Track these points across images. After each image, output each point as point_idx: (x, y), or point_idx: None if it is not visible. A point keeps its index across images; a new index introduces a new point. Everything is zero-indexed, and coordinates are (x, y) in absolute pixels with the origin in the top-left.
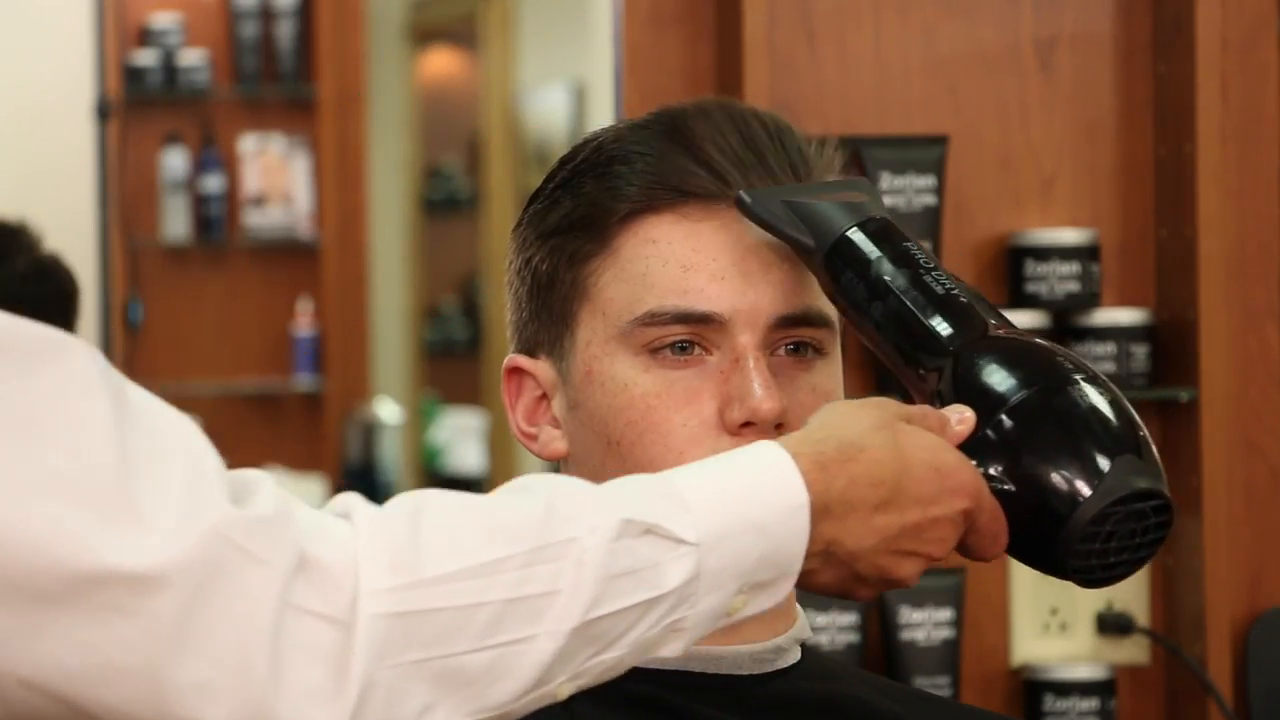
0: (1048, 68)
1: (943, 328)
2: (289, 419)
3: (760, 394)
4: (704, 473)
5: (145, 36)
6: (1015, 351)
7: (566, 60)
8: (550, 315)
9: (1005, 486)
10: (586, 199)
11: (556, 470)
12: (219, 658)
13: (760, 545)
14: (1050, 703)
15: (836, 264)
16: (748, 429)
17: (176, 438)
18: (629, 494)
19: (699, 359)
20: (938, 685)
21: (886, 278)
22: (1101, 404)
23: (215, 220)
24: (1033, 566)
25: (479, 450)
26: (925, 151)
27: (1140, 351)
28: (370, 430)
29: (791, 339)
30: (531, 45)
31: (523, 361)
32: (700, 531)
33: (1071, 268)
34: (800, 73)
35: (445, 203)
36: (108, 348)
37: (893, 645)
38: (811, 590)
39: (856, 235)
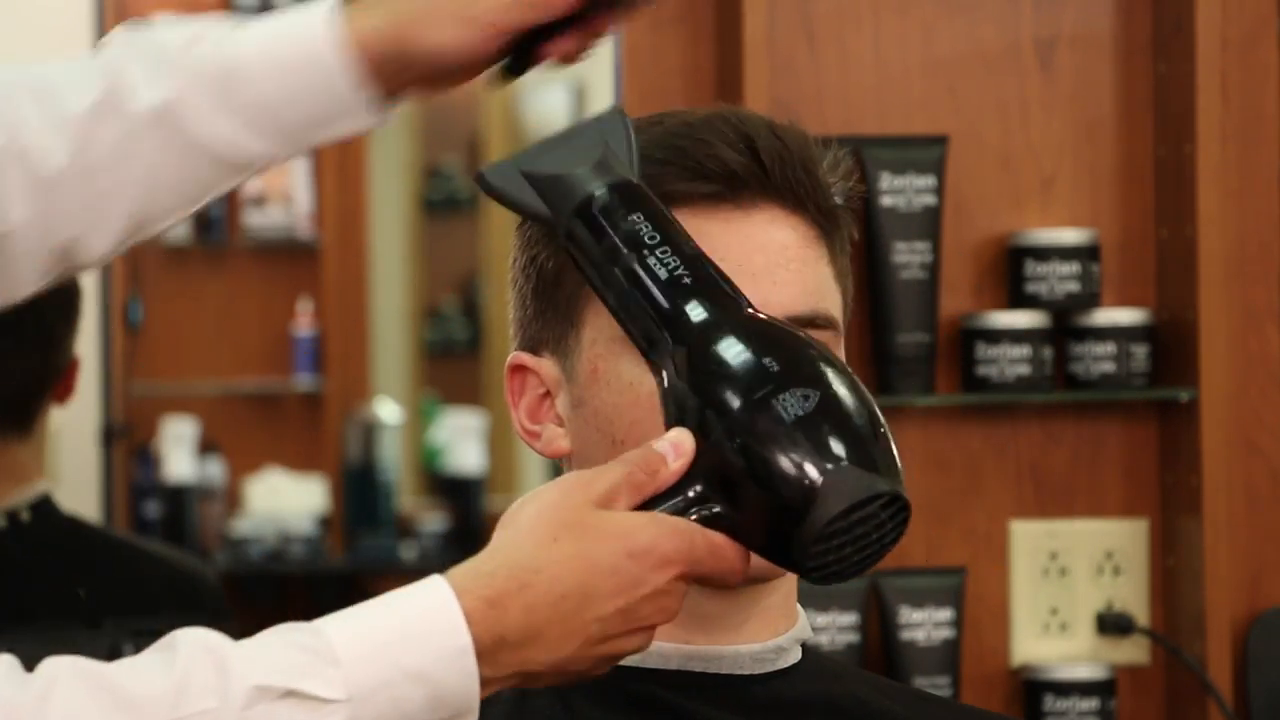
0: (1048, 68)
1: (662, 319)
2: (289, 419)
3: None
4: (360, 620)
5: None
6: (736, 350)
7: None
8: (556, 313)
9: (727, 517)
10: None
11: (559, 469)
12: None
13: (424, 691)
14: (1050, 703)
15: (572, 245)
16: None
17: None
18: (271, 653)
19: None
20: (938, 685)
21: (611, 263)
22: (813, 408)
23: (215, 220)
24: (790, 570)
25: (479, 450)
26: (925, 151)
27: (1140, 351)
28: (370, 430)
29: None
30: None
31: (526, 359)
32: (350, 686)
33: (1071, 268)
34: (800, 73)
35: (445, 203)
36: (108, 348)
37: (893, 645)
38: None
39: (586, 211)
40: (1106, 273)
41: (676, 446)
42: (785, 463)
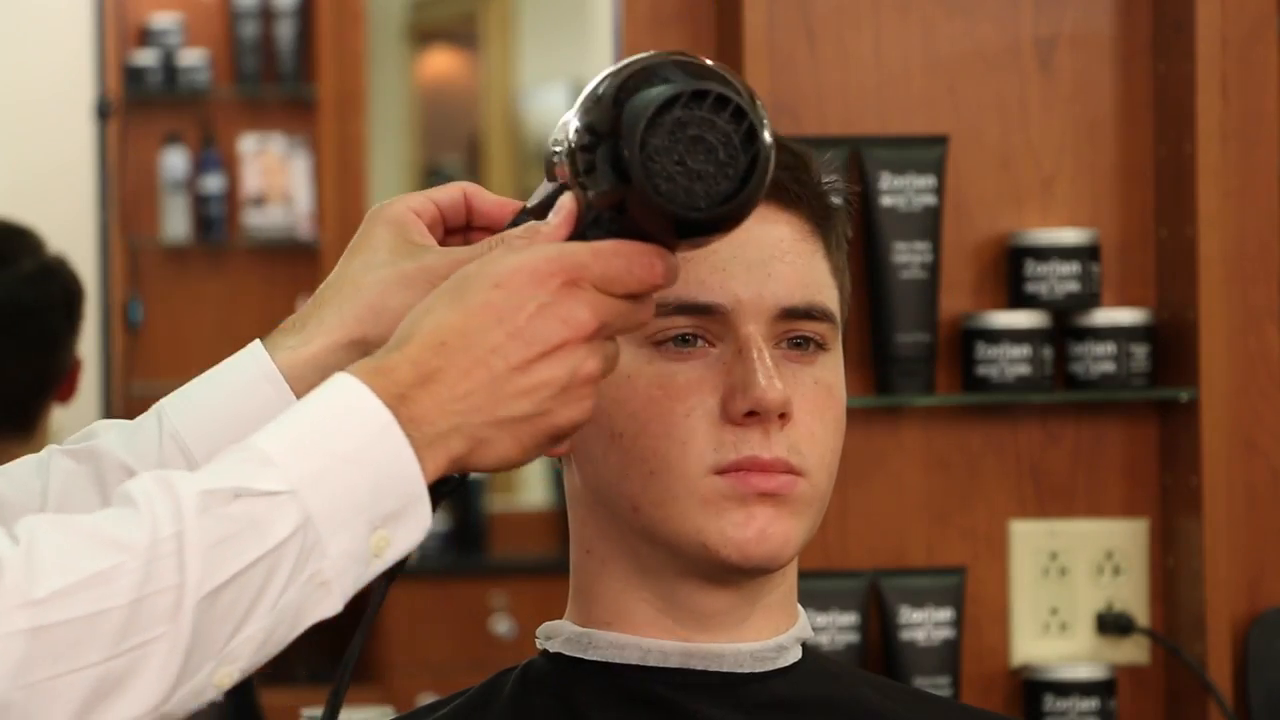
0: (1048, 68)
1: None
2: None
3: (764, 383)
4: (280, 425)
5: (145, 36)
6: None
7: (566, 60)
8: None
9: (606, 218)
10: None
11: (559, 469)
12: None
13: (365, 474)
14: (1050, 703)
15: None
16: (751, 419)
17: None
18: (211, 469)
19: (702, 351)
20: (938, 685)
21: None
22: (620, 76)
23: (215, 220)
24: (698, 236)
25: None
26: (925, 151)
27: (1140, 351)
28: None
29: (794, 333)
30: (531, 45)
31: None
32: (290, 479)
33: (1071, 268)
34: (800, 73)
35: None
36: (108, 348)
37: (893, 645)
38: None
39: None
40: (1106, 273)
41: (557, 209)
42: (601, 135)
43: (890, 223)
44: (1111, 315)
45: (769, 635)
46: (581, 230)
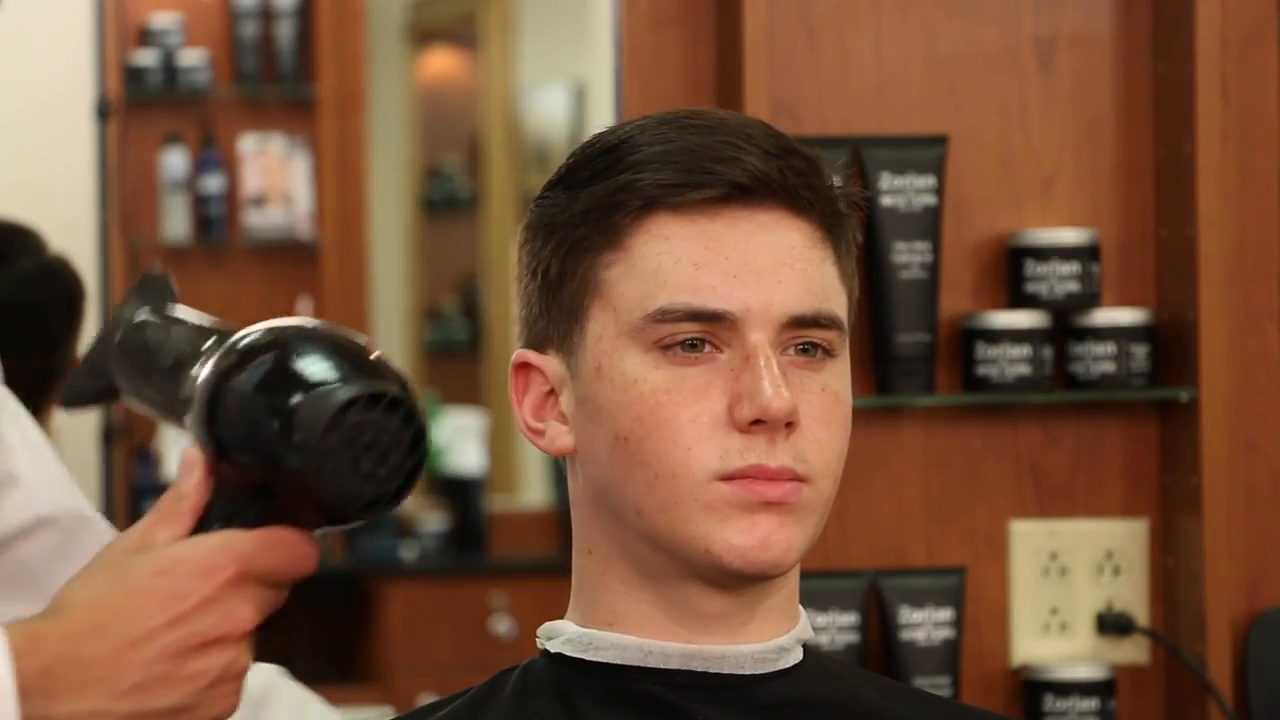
0: (1048, 68)
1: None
2: None
3: (770, 392)
4: None
5: (145, 36)
6: (206, 371)
7: (566, 60)
8: (560, 310)
9: (268, 512)
10: (599, 195)
11: (561, 467)
12: None
13: None
14: (1050, 703)
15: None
16: (757, 426)
17: None
18: None
19: (709, 356)
20: (938, 685)
21: (138, 398)
22: (270, 367)
23: (215, 220)
24: (347, 523)
25: (479, 450)
26: (925, 151)
27: (1140, 351)
28: None
29: (802, 339)
30: (531, 45)
31: (531, 357)
32: None
33: (1071, 268)
34: (800, 73)
35: (445, 203)
36: None
37: (893, 645)
38: None
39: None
40: (1106, 273)
41: (185, 463)
42: (261, 420)
43: (890, 223)
44: (1111, 315)
45: (770, 637)
46: (218, 498)
